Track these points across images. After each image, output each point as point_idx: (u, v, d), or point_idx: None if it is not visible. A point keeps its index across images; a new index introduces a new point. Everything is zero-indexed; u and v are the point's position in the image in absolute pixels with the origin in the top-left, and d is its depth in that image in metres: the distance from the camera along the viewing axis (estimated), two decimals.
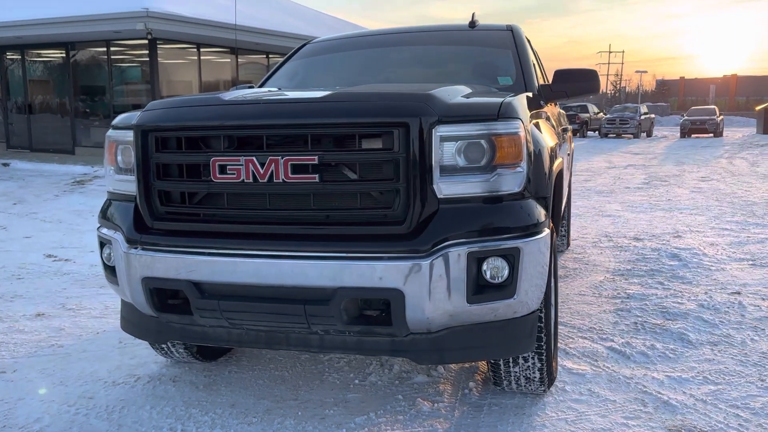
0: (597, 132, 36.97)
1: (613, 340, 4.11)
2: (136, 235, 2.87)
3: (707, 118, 35.73)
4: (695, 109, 39.10)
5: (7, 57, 18.66)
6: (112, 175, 3.14)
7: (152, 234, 2.86)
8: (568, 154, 5.84)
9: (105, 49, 16.49)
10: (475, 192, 2.61)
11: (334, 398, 3.32)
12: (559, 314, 4.61)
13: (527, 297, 2.68)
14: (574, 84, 3.97)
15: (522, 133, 2.66)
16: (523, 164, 2.66)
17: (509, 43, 4.23)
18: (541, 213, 2.73)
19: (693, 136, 35.39)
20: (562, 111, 5.95)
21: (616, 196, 11.70)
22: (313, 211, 2.68)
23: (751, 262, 6.29)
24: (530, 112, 3.08)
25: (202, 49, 17.29)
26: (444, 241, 2.54)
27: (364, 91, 2.80)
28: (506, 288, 2.62)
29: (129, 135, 3.00)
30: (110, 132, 3.16)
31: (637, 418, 3.08)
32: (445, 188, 2.59)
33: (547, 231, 2.75)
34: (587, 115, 37.25)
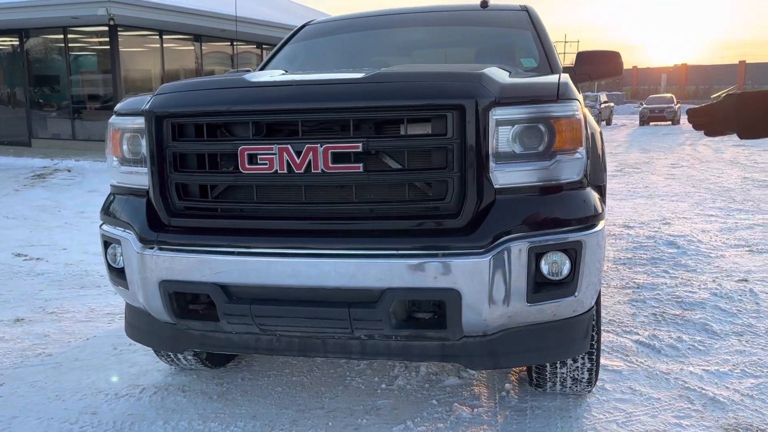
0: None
1: (638, 333, 3.96)
2: (151, 233, 2.56)
3: (665, 106, 36.36)
4: (653, 97, 39.75)
5: None
6: (117, 167, 2.82)
7: (170, 232, 2.56)
8: None
9: (62, 36, 15.72)
10: (533, 181, 2.39)
11: (363, 405, 3.07)
12: None
13: (586, 294, 2.48)
14: (597, 66, 3.80)
15: (581, 116, 2.45)
16: (583, 150, 2.45)
17: (527, 23, 4.01)
18: (599, 203, 2.53)
19: (652, 123, 35.98)
20: None
21: None
22: (355, 205, 2.42)
23: (747, 249, 6.26)
24: (579, 92, 2.87)
25: (164, 36, 16.66)
26: (503, 235, 2.31)
27: (412, 70, 2.54)
28: (567, 285, 2.41)
29: (137, 122, 2.68)
30: (114, 119, 2.84)
31: (688, 417, 2.92)
32: (501, 177, 2.36)
33: (603, 222, 2.55)
34: None
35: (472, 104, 2.29)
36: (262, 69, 4.18)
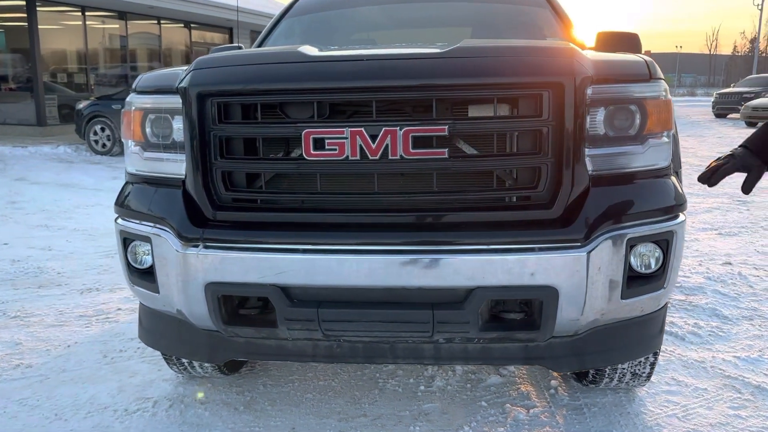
0: None
1: None
2: (194, 230, 2.22)
3: None
4: None
5: None
6: (138, 153, 2.45)
7: (216, 228, 2.23)
8: None
9: None
10: (626, 167, 2.22)
11: (408, 411, 2.84)
12: None
13: (672, 285, 2.35)
14: (617, 47, 3.67)
15: (670, 97, 2.30)
16: (670, 134, 2.30)
17: (542, 2, 3.85)
18: (682, 189, 2.39)
19: None
20: None
21: None
22: (436, 195, 2.18)
23: (716, 232, 6.41)
24: None
25: (87, 13, 15.55)
26: (602, 226, 2.13)
27: (500, 44, 2.30)
28: (657, 278, 2.27)
29: (167, 100, 2.34)
30: (133, 97, 2.47)
31: (743, 408, 2.86)
32: (595, 162, 2.18)
33: (686, 210, 2.41)
34: None
35: (570, 82, 2.08)
36: (260, 45, 3.82)
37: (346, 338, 2.29)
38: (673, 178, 2.35)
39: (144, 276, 2.42)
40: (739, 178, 2.14)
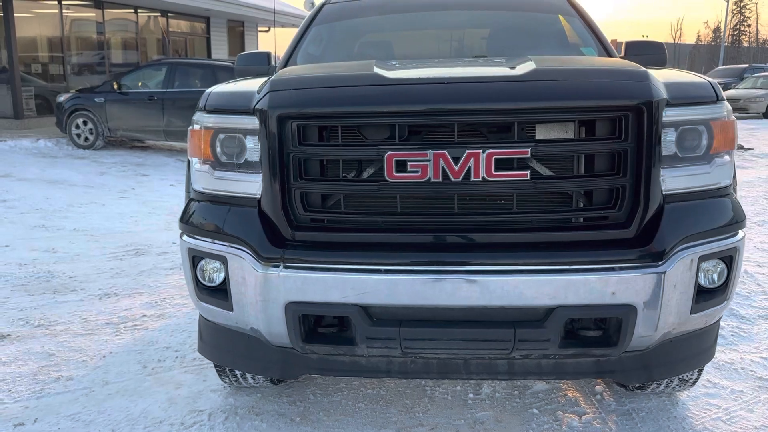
0: None
1: None
2: (274, 250, 2.24)
3: None
4: None
5: None
6: (208, 172, 2.44)
7: (297, 248, 2.25)
8: None
9: None
10: (695, 186, 2.30)
11: (463, 419, 2.90)
12: None
13: (733, 296, 2.44)
14: (645, 56, 3.75)
15: (734, 117, 2.38)
16: (732, 153, 2.39)
17: (569, 9, 3.90)
18: (741, 206, 2.48)
19: None
20: None
21: None
22: (517, 215, 2.23)
23: None
24: None
25: (63, 2, 15.18)
26: (677, 244, 2.21)
27: (578, 67, 2.34)
28: (722, 292, 2.36)
29: (240, 121, 2.33)
30: (201, 116, 2.45)
31: None
32: (669, 182, 2.26)
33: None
34: None
35: (649, 105, 2.15)
36: (290, 55, 3.81)
37: (424, 355, 2.33)
38: (735, 196, 2.43)
39: (214, 293, 2.43)
40: None
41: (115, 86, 12.31)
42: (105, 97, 12.34)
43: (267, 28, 24.48)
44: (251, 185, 2.33)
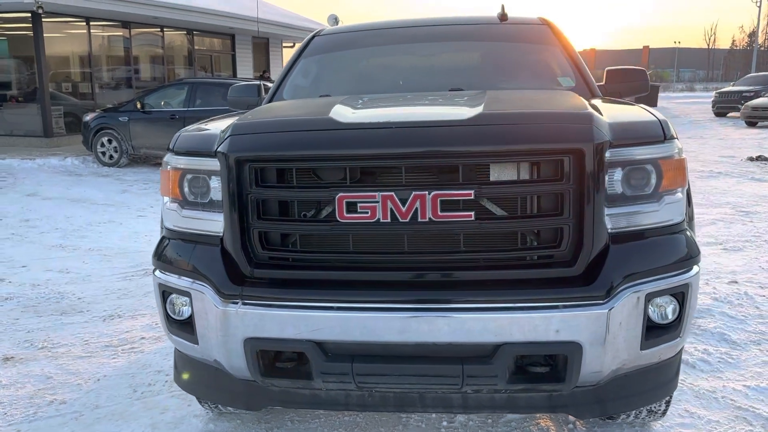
0: None
1: None
2: (233, 287, 2.34)
3: None
4: None
5: None
6: (177, 210, 2.56)
7: (255, 286, 2.35)
8: None
9: None
10: (643, 224, 2.34)
11: None
12: None
13: (688, 332, 2.47)
14: (626, 84, 3.80)
15: (684, 155, 2.42)
16: (684, 190, 2.42)
17: (552, 39, 3.96)
18: (696, 242, 2.51)
19: None
20: None
21: None
22: (464, 254, 2.30)
23: (721, 247, 6.52)
24: None
25: (91, 23, 15.65)
26: (622, 282, 2.25)
27: (520, 110, 2.42)
28: (674, 328, 2.39)
29: (204, 163, 2.45)
30: (171, 157, 2.57)
31: None
32: (613, 221, 2.30)
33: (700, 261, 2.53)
34: None
35: (590, 147, 2.20)
36: (279, 85, 3.93)
37: (379, 389, 2.40)
38: (688, 232, 2.47)
39: (183, 327, 2.54)
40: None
41: (139, 105, 12.66)
42: (129, 116, 12.70)
43: (292, 44, 24.87)
44: (215, 224, 2.44)
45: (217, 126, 2.63)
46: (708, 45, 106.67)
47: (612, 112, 2.55)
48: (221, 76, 20.51)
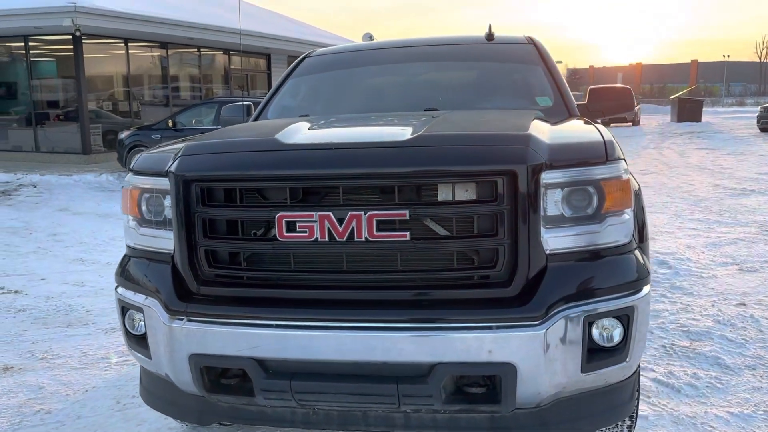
0: None
1: (654, 370, 3.93)
2: (179, 304, 2.41)
3: None
4: None
5: None
6: (135, 228, 2.65)
7: (199, 302, 2.42)
8: None
9: (23, 44, 15.17)
10: (584, 245, 2.32)
11: None
12: None
13: (637, 357, 2.43)
14: (609, 102, 3.76)
15: (629, 176, 2.39)
16: (630, 211, 2.39)
17: (536, 58, 3.95)
18: (646, 263, 2.47)
19: (612, 125, 36.43)
20: None
21: None
22: (401, 274, 2.32)
23: (737, 267, 6.33)
24: None
25: (130, 44, 16.22)
26: (558, 304, 2.24)
27: (458, 132, 2.44)
28: (620, 351, 2.35)
29: (157, 182, 2.53)
30: (131, 177, 2.67)
31: None
32: (552, 242, 2.29)
33: (650, 283, 2.49)
34: None
35: (523, 169, 2.21)
36: (265, 105, 4.03)
37: (320, 407, 2.43)
38: (636, 253, 2.43)
39: (139, 342, 2.62)
40: None
41: (170, 124, 13.03)
42: (161, 134, 13.07)
43: None
44: (168, 241, 2.52)
45: (176, 147, 2.72)
46: (759, 58, 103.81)
47: (560, 133, 2.54)
48: (257, 95, 20.94)
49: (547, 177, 2.26)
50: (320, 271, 2.37)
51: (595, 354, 2.33)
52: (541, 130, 2.46)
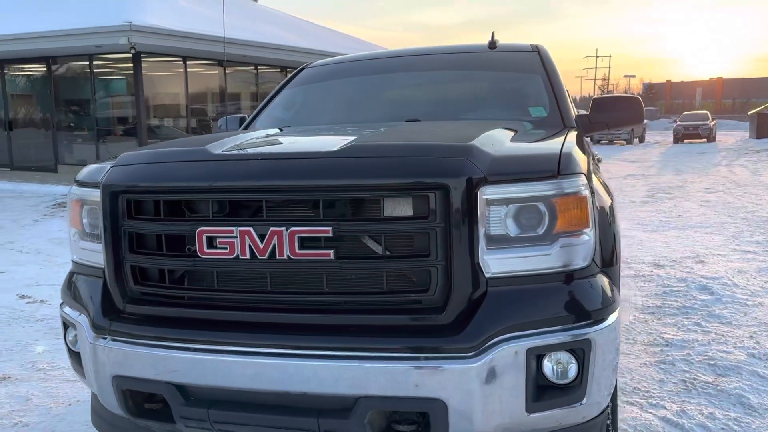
0: (588, 139, 36.64)
1: (665, 407, 3.57)
2: (104, 321, 2.30)
3: (700, 123, 35.43)
4: (688, 114, 38.82)
5: None
6: (77, 242, 2.57)
7: (125, 321, 2.29)
8: None
9: (88, 63, 15.83)
10: (532, 269, 2.07)
11: None
12: None
13: (598, 397, 2.14)
14: (615, 114, 3.45)
15: (587, 192, 2.12)
16: (590, 231, 2.12)
17: (537, 67, 3.69)
18: (611, 290, 2.19)
19: (686, 141, 35.03)
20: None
21: (622, 212, 11.18)
22: (327, 296, 2.13)
23: None
24: (587, 157, 2.55)
25: (188, 62, 16.66)
26: (497, 334, 1.99)
27: (390, 142, 2.25)
28: (574, 390, 2.08)
29: (94, 194, 2.43)
30: (73, 188, 2.59)
31: None
32: (494, 265, 2.04)
33: (617, 312, 2.21)
34: None
35: (457, 183, 1.98)
36: (255, 117, 3.93)
37: None
38: (600, 278, 2.15)
39: (76, 358, 2.52)
40: None
41: None
42: None
43: None
44: (101, 256, 2.41)
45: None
46: None
47: (515, 146, 2.30)
48: None
49: (489, 192, 2.03)
50: (243, 291, 2.21)
51: (545, 392, 2.06)
52: (493, 142, 2.22)
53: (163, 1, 16.29)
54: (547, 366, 2.06)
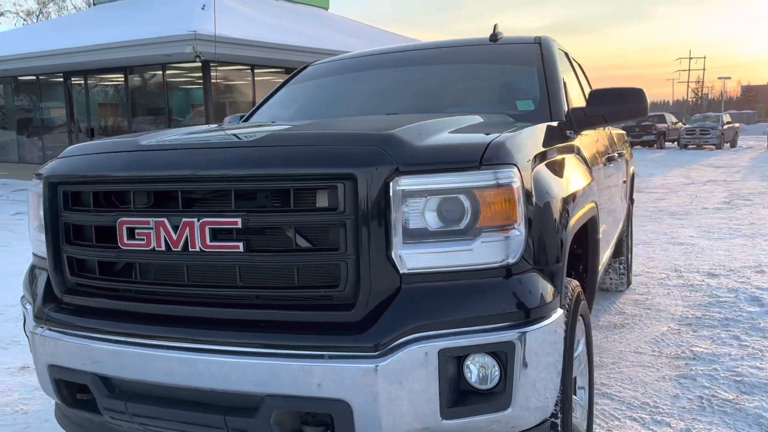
0: (676, 143, 35.08)
1: (669, 425, 3.28)
2: (41, 310, 2.33)
3: None
4: None
5: (72, 82, 19.03)
6: (34, 234, 2.61)
7: (60, 311, 2.31)
8: (624, 181, 5.04)
9: (161, 72, 16.54)
10: (451, 265, 1.93)
11: None
12: (609, 381, 3.84)
13: (530, 405, 1.97)
14: (613, 107, 3.20)
15: (517, 184, 1.95)
16: (521, 225, 1.96)
17: (535, 59, 3.50)
18: (547, 290, 2.01)
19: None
20: (616, 132, 5.13)
21: (691, 218, 10.58)
22: (239, 290, 2.06)
23: None
24: (545, 148, 2.37)
25: (256, 70, 17.11)
26: (406, 333, 1.86)
27: (303, 132, 2.17)
28: (497, 396, 1.92)
29: None
30: (33, 181, 2.64)
31: None
32: (409, 260, 1.92)
33: (557, 314, 2.03)
34: (665, 125, 35.41)
35: (367, 173, 1.87)
36: (252, 113, 3.94)
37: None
38: (532, 276, 1.98)
39: None
40: None
41: None
42: None
43: None
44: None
45: None
46: None
47: (451, 136, 2.16)
48: None
49: (404, 183, 1.91)
50: (162, 284, 2.18)
51: (465, 397, 1.92)
52: (423, 133, 2.09)
53: (234, 12, 16.78)
54: (469, 369, 1.91)
